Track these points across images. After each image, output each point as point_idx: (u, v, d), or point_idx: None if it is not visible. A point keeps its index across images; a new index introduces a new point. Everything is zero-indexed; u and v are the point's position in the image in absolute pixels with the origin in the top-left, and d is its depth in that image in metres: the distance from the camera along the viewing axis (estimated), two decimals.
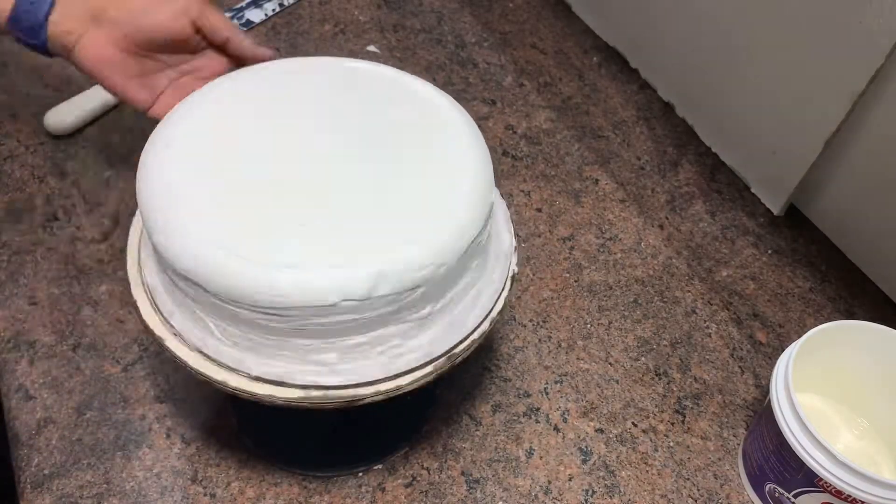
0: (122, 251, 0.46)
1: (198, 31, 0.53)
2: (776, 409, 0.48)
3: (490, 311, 0.44)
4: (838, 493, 0.45)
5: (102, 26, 0.51)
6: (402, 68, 0.49)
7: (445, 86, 0.79)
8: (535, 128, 0.77)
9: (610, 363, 0.59)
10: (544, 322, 0.61)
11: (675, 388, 0.58)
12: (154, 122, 0.48)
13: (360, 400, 0.41)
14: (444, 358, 0.42)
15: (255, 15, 0.84)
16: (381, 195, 0.41)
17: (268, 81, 0.47)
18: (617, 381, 0.58)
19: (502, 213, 0.49)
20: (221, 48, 0.54)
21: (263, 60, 0.53)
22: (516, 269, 0.46)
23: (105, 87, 0.52)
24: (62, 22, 0.50)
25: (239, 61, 0.55)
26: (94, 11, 0.51)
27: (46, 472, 0.50)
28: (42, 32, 0.50)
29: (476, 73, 0.81)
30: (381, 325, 0.40)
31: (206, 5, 0.53)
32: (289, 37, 0.83)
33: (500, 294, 0.45)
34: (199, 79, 0.54)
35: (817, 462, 0.45)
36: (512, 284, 0.46)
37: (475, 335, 0.43)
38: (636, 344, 0.61)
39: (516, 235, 0.49)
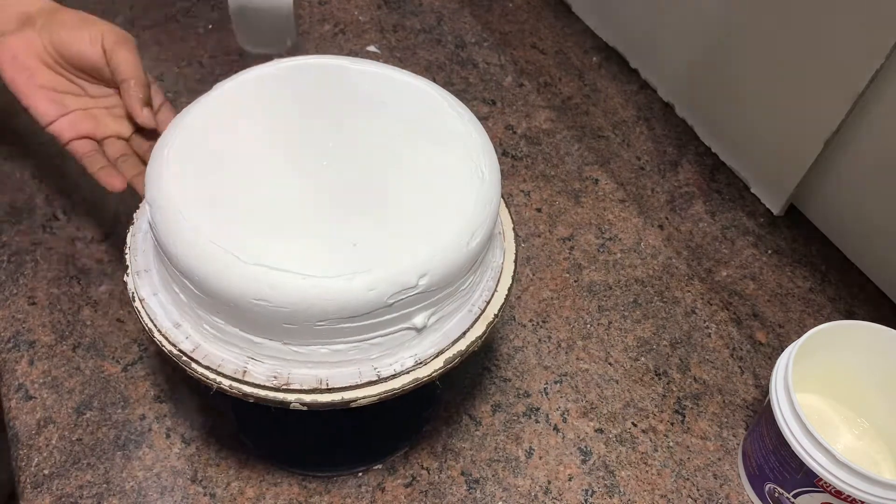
0: (122, 251, 0.46)
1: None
2: (776, 409, 0.48)
3: (486, 318, 0.44)
4: (838, 494, 0.45)
5: (25, 31, 0.51)
6: (402, 68, 0.49)
7: (445, 86, 0.79)
8: (535, 128, 0.77)
9: (610, 363, 0.59)
10: (544, 322, 0.61)
11: (674, 388, 0.58)
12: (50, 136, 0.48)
13: (350, 402, 0.40)
14: (437, 362, 0.42)
15: None
16: (381, 197, 0.41)
17: (269, 82, 0.47)
18: (617, 381, 0.58)
19: (506, 218, 0.48)
20: (119, 88, 0.51)
21: (145, 125, 0.51)
22: (516, 277, 0.46)
23: (12, 90, 0.51)
24: None
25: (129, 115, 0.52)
26: (24, 16, 0.51)
27: (46, 472, 0.50)
28: None
29: (476, 73, 0.81)
30: (374, 330, 0.39)
31: (122, 41, 0.51)
32: None
33: (497, 302, 0.45)
34: (114, 116, 0.52)
35: (817, 462, 0.45)
36: (510, 291, 0.46)
37: (470, 342, 0.43)
38: (636, 344, 0.61)
39: (516, 235, 0.49)
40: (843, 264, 0.67)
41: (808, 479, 0.46)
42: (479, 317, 0.44)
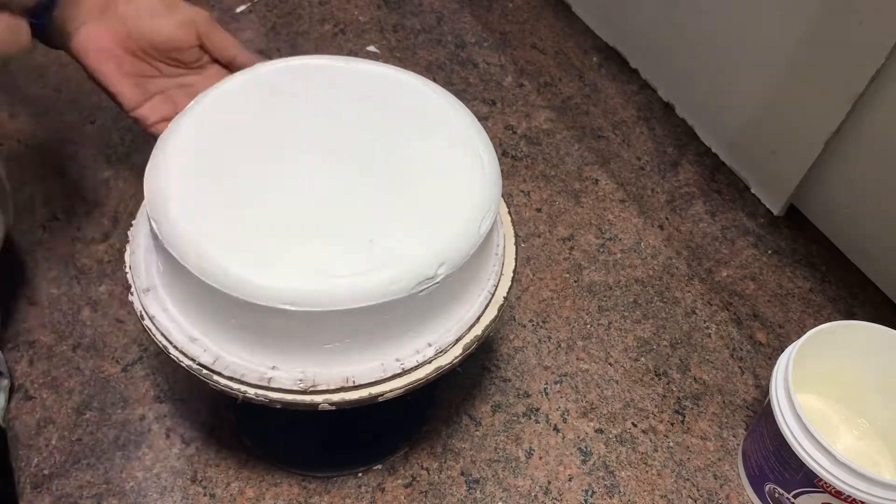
0: (122, 251, 0.46)
1: (201, 46, 0.53)
2: (776, 410, 0.48)
3: (497, 301, 0.44)
4: (838, 494, 0.45)
5: (107, 20, 0.50)
6: (401, 68, 0.49)
7: (445, 86, 0.79)
8: (535, 128, 0.77)
9: (610, 363, 0.59)
10: (544, 322, 0.61)
11: (674, 389, 0.58)
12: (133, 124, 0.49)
13: (378, 397, 0.40)
14: (456, 349, 0.42)
15: None
16: (387, 193, 0.41)
17: (270, 83, 0.47)
18: (617, 382, 0.58)
19: (505, 217, 0.49)
20: (228, 65, 0.54)
21: None
22: (507, 295, 0.46)
23: (96, 80, 0.51)
24: (69, 7, 0.49)
25: None
26: (102, 3, 0.50)
27: (46, 472, 0.50)
28: (47, 13, 0.48)
29: (476, 74, 0.81)
30: (395, 323, 0.40)
31: (213, 23, 0.53)
32: (289, 37, 0.83)
33: (505, 285, 0.45)
34: (188, 94, 0.53)
35: (817, 462, 0.45)
36: (515, 273, 0.46)
37: (485, 326, 0.43)
38: (636, 344, 0.61)
39: (516, 235, 0.49)
40: (843, 264, 0.67)
41: (809, 480, 0.46)
42: (489, 301, 0.44)
